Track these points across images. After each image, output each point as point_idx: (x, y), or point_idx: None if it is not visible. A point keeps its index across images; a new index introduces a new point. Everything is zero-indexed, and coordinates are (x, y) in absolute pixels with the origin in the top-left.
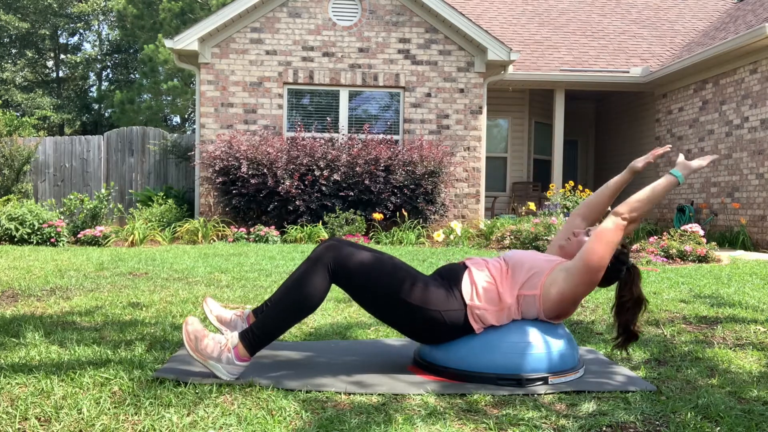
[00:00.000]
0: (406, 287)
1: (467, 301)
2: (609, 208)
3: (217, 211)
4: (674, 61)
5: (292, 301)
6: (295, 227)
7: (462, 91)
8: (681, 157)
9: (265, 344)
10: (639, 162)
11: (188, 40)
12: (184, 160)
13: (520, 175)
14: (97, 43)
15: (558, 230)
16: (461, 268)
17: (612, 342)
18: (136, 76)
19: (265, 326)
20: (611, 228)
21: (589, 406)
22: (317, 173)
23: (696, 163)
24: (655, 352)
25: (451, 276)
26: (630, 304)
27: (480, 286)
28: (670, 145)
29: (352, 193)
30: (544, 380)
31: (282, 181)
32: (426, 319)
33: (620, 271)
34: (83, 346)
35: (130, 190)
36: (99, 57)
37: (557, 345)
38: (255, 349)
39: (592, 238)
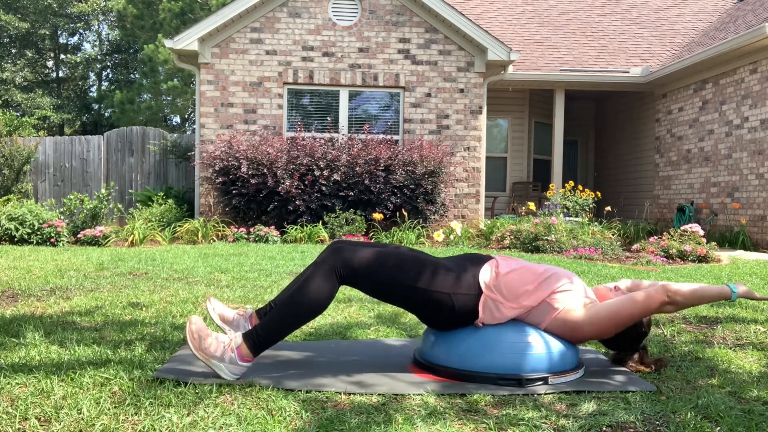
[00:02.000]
0: (414, 276)
1: (483, 290)
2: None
3: (217, 211)
4: (674, 61)
5: (298, 304)
6: (295, 227)
7: (462, 91)
8: (745, 287)
9: (269, 346)
10: (750, 296)
11: (188, 40)
12: (184, 160)
13: (520, 175)
14: (97, 43)
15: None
16: (486, 258)
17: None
18: (136, 76)
19: (269, 328)
20: (654, 296)
21: (589, 406)
22: (317, 173)
23: (754, 295)
24: (655, 352)
25: (472, 262)
26: (625, 362)
27: (502, 279)
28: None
29: (352, 193)
30: (544, 380)
31: (282, 181)
32: (434, 302)
33: (636, 348)
34: (83, 346)
35: (130, 190)
36: (99, 57)
37: (557, 345)
38: (259, 350)
39: (631, 296)
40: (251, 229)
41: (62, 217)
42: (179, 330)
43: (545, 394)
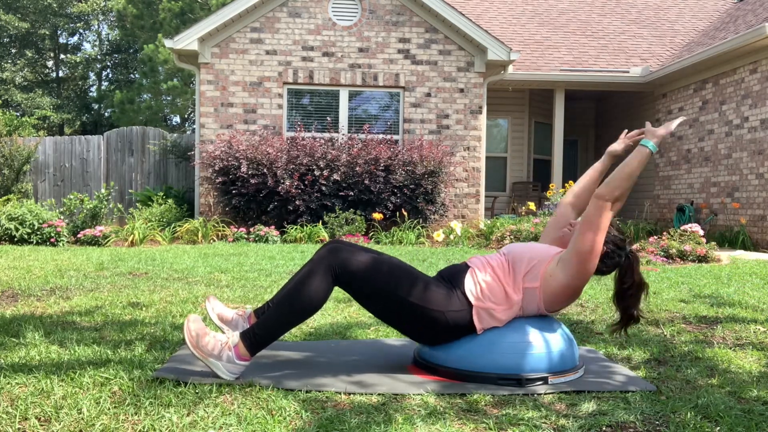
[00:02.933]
0: (407, 288)
1: (473, 302)
2: None
3: (217, 211)
4: (674, 61)
5: (294, 302)
6: (295, 227)
7: (462, 90)
8: (648, 125)
9: (266, 345)
10: (617, 146)
11: (188, 40)
12: (184, 160)
13: (520, 175)
14: (97, 43)
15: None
16: (463, 268)
17: (611, 326)
18: (136, 76)
19: (266, 327)
20: (596, 212)
21: (589, 406)
22: (317, 173)
23: (662, 129)
24: (655, 352)
25: (453, 277)
26: (632, 290)
27: (485, 286)
28: (643, 128)
29: (352, 193)
30: (544, 380)
31: (282, 180)
32: (428, 319)
33: (620, 257)
34: (83, 346)
35: (130, 190)
36: (99, 57)
37: (557, 345)
38: (256, 349)
39: (581, 227)
40: (251, 229)
41: (62, 217)
42: (179, 330)
43: (545, 394)
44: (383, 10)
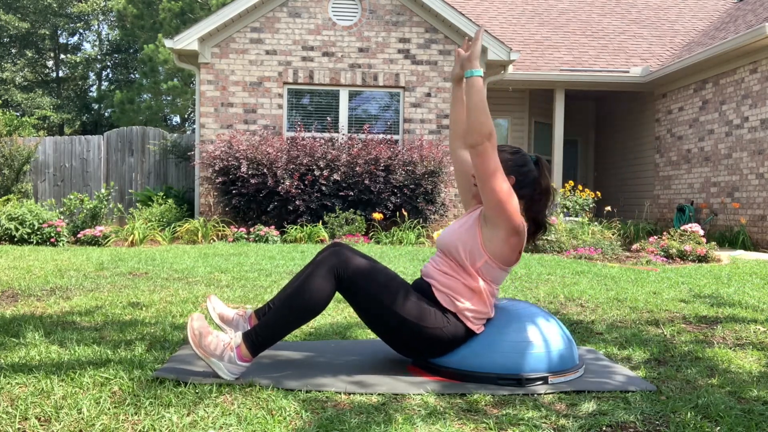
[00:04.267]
0: (411, 305)
1: (453, 309)
2: None
3: (217, 211)
4: (674, 61)
5: (297, 304)
6: (295, 227)
7: None
8: (462, 53)
9: (268, 346)
10: (456, 69)
11: (188, 40)
12: (184, 160)
13: None
14: (97, 43)
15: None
16: (424, 284)
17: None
18: (136, 76)
19: (268, 328)
20: (480, 159)
21: (589, 406)
22: (317, 173)
23: (471, 51)
24: (655, 352)
25: (426, 295)
26: (539, 196)
27: (450, 290)
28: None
29: (352, 193)
30: (544, 380)
31: (282, 180)
32: (428, 337)
33: (531, 170)
34: (83, 346)
35: (130, 190)
36: (99, 57)
37: (557, 345)
38: (257, 350)
39: (480, 182)
40: (251, 229)
41: (62, 217)
42: (179, 330)
43: (545, 393)
44: (383, 10)
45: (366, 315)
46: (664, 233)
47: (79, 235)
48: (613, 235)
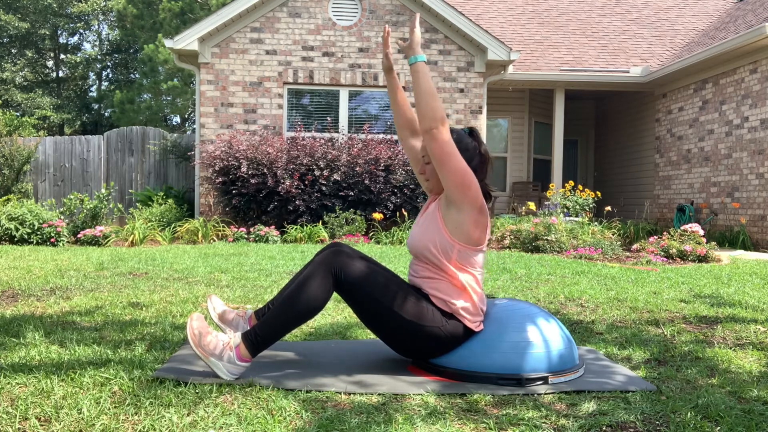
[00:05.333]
0: (409, 304)
1: (449, 311)
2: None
3: (217, 211)
4: (674, 61)
5: (295, 304)
6: (295, 227)
7: (462, 90)
8: (400, 44)
9: (268, 346)
10: (386, 61)
11: (188, 40)
12: (184, 160)
13: (520, 174)
14: (97, 43)
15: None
16: (415, 289)
17: None
18: (136, 76)
19: (268, 328)
20: (435, 144)
21: (589, 406)
22: (317, 173)
23: (411, 38)
24: (655, 352)
25: (423, 296)
26: (482, 165)
27: (439, 292)
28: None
29: (352, 193)
30: (544, 380)
31: (282, 181)
32: (427, 336)
33: (470, 143)
34: (83, 346)
35: (130, 190)
36: (99, 57)
37: (557, 344)
38: (257, 350)
39: (437, 166)
40: (251, 229)
41: (62, 217)
42: (179, 330)
43: (545, 393)
44: (383, 10)
45: (365, 315)
46: (664, 233)
47: (79, 235)
48: (613, 235)
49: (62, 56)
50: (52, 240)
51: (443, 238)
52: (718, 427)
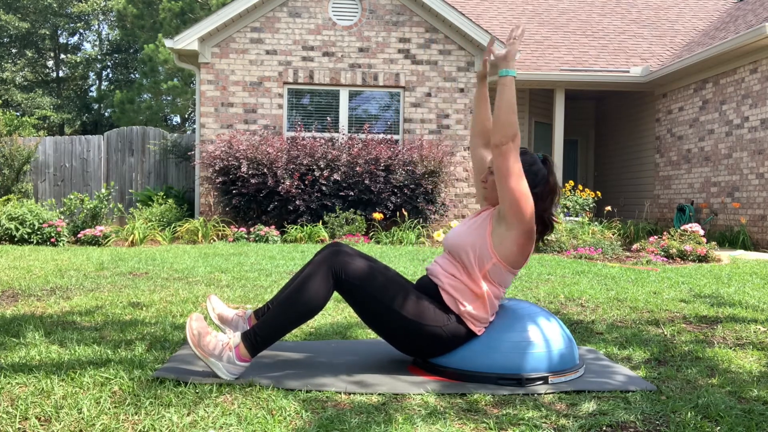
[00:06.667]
0: (410, 303)
1: (456, 312)
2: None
3: (217, 211)
4: (674, 61)
5: (295, 304)
6: (295, 227)
7: (462, 90)
8: (498, 49)
9: (267, 346)
10: (482, 68)
11: (188, 39)
12: (184, 160)
13: None
14: (97, 43)
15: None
16: (430, 282)
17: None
18: (136, 76)
19: (267, 328)
20: (503, 159)
21: (589, 406)
22: (317, 173)
23: (506, 50)
24: (655, 352)
25: (430, 293)
26: (548, 194)
27: (456, 292)
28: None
29: (352, 193)
30: (545, 380)
31: (282, 180)
32: (427, 335)
33: (541, 169)
34: (83, 345)
35: (130, 190)
36: (99, 57)
37: (557, 344)
38: (256, 350)
39: (499, 181)
40: (251, 229)
41: (62, 217)
42: (179, 330)
43: (545, 393)
44: (383, 10)
45: (365, 314)
46: (665, 233)
47: (79, 235)
48: (613, 234)
49: (62, 56)
50: (52, 240)
51: (484, 247)
52: (718, 427)
